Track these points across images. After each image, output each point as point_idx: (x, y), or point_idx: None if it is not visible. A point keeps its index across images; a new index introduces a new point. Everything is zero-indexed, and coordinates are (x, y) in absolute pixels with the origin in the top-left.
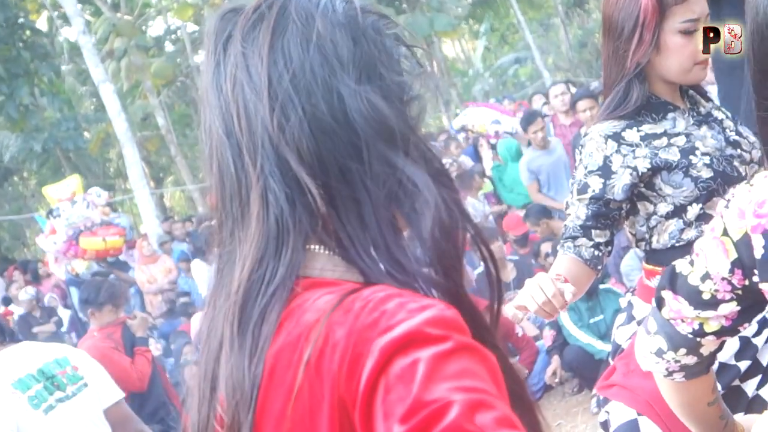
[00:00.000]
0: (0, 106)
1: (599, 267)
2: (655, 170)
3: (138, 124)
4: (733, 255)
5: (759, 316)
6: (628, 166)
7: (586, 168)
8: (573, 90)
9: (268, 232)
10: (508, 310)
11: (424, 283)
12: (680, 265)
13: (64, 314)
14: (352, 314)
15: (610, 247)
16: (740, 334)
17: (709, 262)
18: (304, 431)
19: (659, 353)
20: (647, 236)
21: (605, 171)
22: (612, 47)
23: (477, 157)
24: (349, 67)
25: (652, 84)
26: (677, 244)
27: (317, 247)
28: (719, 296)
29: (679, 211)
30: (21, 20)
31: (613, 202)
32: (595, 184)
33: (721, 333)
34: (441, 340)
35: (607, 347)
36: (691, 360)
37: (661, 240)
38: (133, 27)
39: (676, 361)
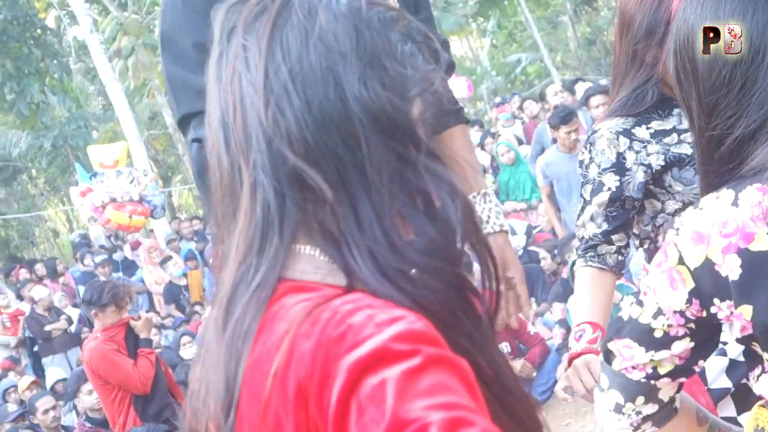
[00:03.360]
0: (11, 104)
1: (622, 271)
2: (667, 167)
3: (145, 122)
4: (690, 284)
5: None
6: (642, 163)
7: (599, 166)
8: (579, 87)
9: (254, 229)
10: (557, 392)
11: (422, 273)
12: (627, 310)
13: (73, 313)
14: (319, 326)
15: (628, 250)
16: None
17: (660, 297)
18: None
19: (617, 409)
20: (652, 235)
21: (620, 168)
22: (629, 47)
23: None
24: (351, 58)
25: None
26: None
27: (302, 247)
28: (672, 332)
29: (685, 209)
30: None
31: (629, 201)
32: (611, 182)
33: (676, 374)
34: (409, 356)
35: None
36: (651, 408)
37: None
38: (140, 26)
39: (637, 413)
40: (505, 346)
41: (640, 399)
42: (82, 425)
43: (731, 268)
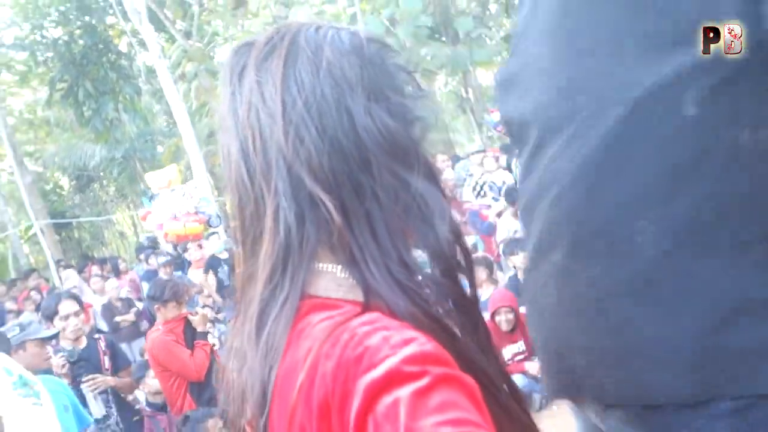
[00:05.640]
0: (88, 120)
1: None
2: None
3: (204, 139)
4: None
5: None
6: None
7: None
8: None
9: (278, 250)
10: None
11: (431, 288)
12: None
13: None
14: (339, 347)
15: None
16: None
17: None
18: None
19: None
20: None
21: None
22: None
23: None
24: (357, 89)
25: None
26: None
27: (324, 265)
28: None
29: None
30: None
31: None
32: None
33: None
34: (419, 377)
35: None
36: None
37: None
38: (202, 53)
39: None
40: (521, 347)
41: None
42: (144, 409)
43: None
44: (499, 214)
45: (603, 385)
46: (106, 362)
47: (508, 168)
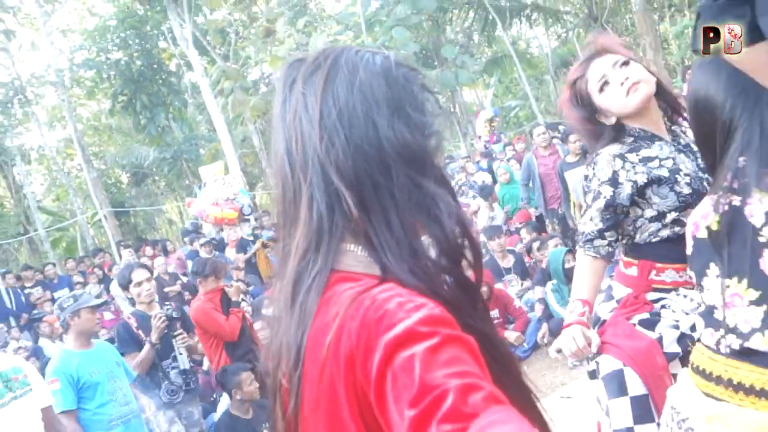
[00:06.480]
0: (143, 127)
1: (612, 258)
2: (649, 183)
3: (239, 143)
4: None
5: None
6: (630, 180)
7: (599, 180)
8: (554, 131)
9: (311, 232)
10: (550, 352)
11: (435, 270)
12: None
13: (184, 280)
14: (362, 309)
15: (617, 243)
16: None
17: None
18: (330, 397)
19: None
20: (632, 233)
21: (614, 182)
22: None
23: (493, 174)
24: (383, 106)
25: (638, 122)
26: (653, 240)
27: (349, 245)
28: None
29: (660, 216)
30: (159, 65)
31: (620, 207)
32: (607, 191)
33: None
34: (430, 336)
35: None
36: None
37: (641, 237)
38: (237, 73)
39: None
40: (495, 314)
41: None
42: None
43: None
44: (475, 213)
45: None
46: (178, 325)
47: (489, 170)
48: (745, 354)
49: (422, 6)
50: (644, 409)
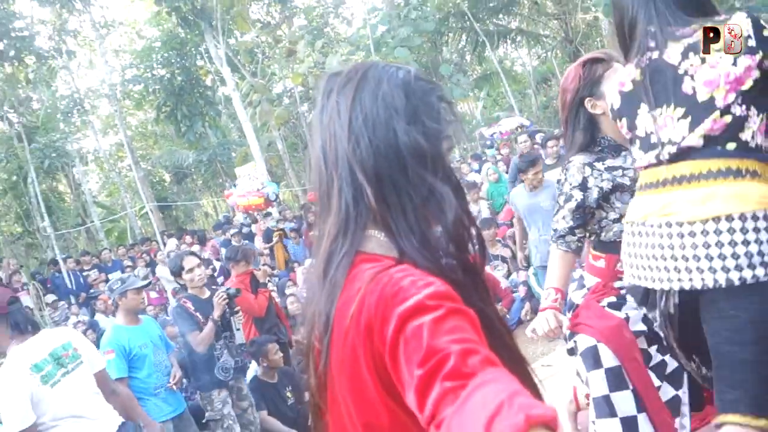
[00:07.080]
0: (183, 134)
1: (580, 253)
2: (613, 190)
3: (265, 148)
4: None
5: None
6: (598, 186)
7: (570, 185)
8: (537, 138)
9: (340, 219)
10: (527, 332)
11: (443, 255)
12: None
13: (216, 265)
14: (380, 285)
15: (584, 240)
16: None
17: None
18: (352, 358)
19: None
20: (597, 232)
21: (583, 186)
22: (568, 112)
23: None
24: (401, 114)
25: (610, 132)
26: (617, 240)
27: (372, 231)
28: None
29: (622, 219)
30: (197, 80)
31: (588, 209)
32: (577, 195)
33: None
34: (437, 308)
35: None
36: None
37: (606, 236)
38: (264, 87)
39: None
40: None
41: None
42: None
43: None
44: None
45: None
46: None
47: (479, 171)
48: (683, 154)
49: (423, 28)
50: (618, 379)
